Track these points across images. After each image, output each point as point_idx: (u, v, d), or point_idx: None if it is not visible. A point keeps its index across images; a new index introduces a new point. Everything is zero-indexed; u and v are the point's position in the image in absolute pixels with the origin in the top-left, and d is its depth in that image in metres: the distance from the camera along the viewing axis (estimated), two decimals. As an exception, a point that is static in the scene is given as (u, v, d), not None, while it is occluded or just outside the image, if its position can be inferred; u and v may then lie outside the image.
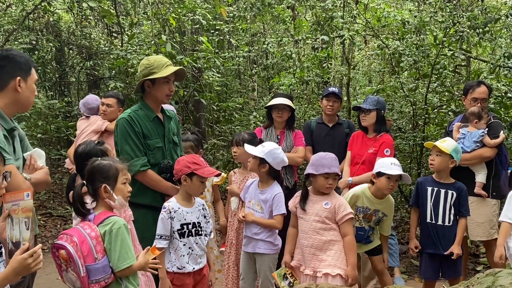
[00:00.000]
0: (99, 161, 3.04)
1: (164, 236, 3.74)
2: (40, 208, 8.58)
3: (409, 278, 6.01)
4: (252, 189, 4.45)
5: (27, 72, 3.10)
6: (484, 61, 8.65)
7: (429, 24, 7.40)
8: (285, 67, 9.92)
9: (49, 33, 10.46)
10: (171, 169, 3.94)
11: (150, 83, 3.93)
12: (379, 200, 4.40)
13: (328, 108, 5.76)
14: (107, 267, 2.83)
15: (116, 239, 2.84)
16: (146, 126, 3.92)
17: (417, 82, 7.74)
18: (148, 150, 3.92)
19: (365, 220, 4.44)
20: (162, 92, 3.95)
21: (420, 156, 7.68)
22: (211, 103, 8.81)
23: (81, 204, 2.96)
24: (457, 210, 4.45)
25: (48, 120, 9.35)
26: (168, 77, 3.92)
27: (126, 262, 2.85)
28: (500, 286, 2.37)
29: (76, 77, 11.85)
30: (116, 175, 3.02)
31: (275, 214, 4.27)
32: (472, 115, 5.05)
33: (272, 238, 4.31)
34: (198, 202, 3.94)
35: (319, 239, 3.97)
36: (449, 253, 4.38)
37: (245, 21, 9.38)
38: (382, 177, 4.28)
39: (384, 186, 4.29)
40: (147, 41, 8.99)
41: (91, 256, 2.78)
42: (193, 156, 3.87)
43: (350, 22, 7.75)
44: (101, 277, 2.80)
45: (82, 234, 2.81)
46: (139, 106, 4.03)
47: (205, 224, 3.93)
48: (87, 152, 3.47)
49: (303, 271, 4.05)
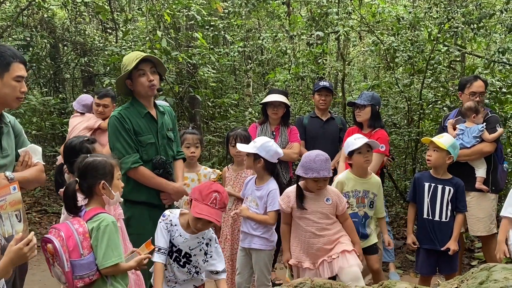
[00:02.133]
0: (93, 158, 3.02)
1: (162, 250, 3.30)
2: (35, 205, 8.56)
3: (404, 273, 6.03)
4: (250, 185, 4.47)
5: (4, 68, 3.02)
6: (478, 56, 8.67)
7: (423, 19, 7.41)
8: (280, 63, 9.91)
9: (43, 30, 10.40)
10: (164, 164, 3.93)
11: (130, 81, 3.94)
12: (364, 179, 4.48)
13: (321, 103, 5.81)
14: (92, 264, 2.80)
15: (103, 236, 2.82)
16: (137, 123, 3.90)
17: (412, 78, 7.76)
18: (141, 146, 3.90)
19: (360, 205, 4.46)
20: (142, 84, 3.90)
21: (415, 151, 7.70)
22: (207, 99, 8.79)
23: (75, 203, 2.95)
24: (454, 206, 4.46)
25: (43, 117, 9.32)
26: (141, 68, 3.87)
27: (111, 260, 2.81)
28: (494, 281, 2.38)
29: (70, 73, 11.80)
30: (113, 171, 3.02)
31: (269, 211, 4.28)
32: (469, 110, 5.04)
33: (268, 235, 4.32)
34: (205, 234, 3.43)
35: (328, 234, 4.01)
36: (445, 249, 4.39)
37: (240, 17, 9.36)
38: (354, 155, 4.39)
39: (360, 162, 4.40)
40: (141, 37, 8.95)
41: (77, 251, 2.76)
42: (211, 186, 3.31)
43: (345, 18, 7.76)
44: (85, 274, 2.78)
45: (70, 229, 2.79)
46: (130, 103, 4.02)
47: (201, 260, 3.42)
48: (74, 146, 3.48)
49: (302, 266, 4.07)
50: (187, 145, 4.79)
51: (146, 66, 3.90)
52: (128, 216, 3.90)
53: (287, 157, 5.37)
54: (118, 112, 3.92)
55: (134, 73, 3.88)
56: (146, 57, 3.91)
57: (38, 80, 10.84)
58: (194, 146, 4.82)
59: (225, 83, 10.32)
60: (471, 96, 5.20)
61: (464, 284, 2.60)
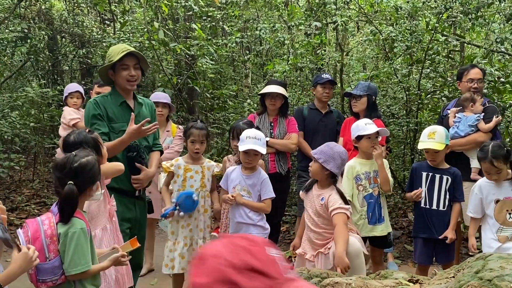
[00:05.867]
0: (84, 159, 2.87)
1: None
2: (34, 197, 8.57)
3: (403, 263, 6.04)
4: (236, 175, 4.43)
5: None
6: (477, 46, 8.65)
7: (422, 9, 7.39)
8: (279, 53, 9.89)
9: (41, 21, 10.38)
10: (137, 148, 3.99)
11: (112, 71, 4.04)
12: (372, 160, 4.59)
13: (324, 96, 5.80)
14: (56, 269, 2.75)
15: (70, 243, 2.74)
16: (113, 110, 4.00)
17: (410, 68, 7.74)
18: (113, 133, 3.96)
19: (373, 185, 4.56)
20: (122, 78, 4.01)
21: (413, 141, 7.69)
22: (205, 90, 8.78)
23: (75, 209, 2.84)
24: (452, 195, 4.49)
25: (41, 109, 9.30)
26: (125, 62, 3.98)
27: (77, 268, 2.75)
28: (490, 270, 2.39)
29: (69, 65, 11.79)
30: (99, 169, 2.98)
31: (264, 198, 4.32)
32: (466, 101, 5.05)
33: (263, 222, 4.36)
34: None
35: (322, 233, 3.99)
36: (443, 237, 4.41)
37: (237, 7, 9.33)
38: (362, 140, 4.52)
39: (367, 147, 4.53)
40: (139, 28, 8.93)
41: (42, 254, 2.71)
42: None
43: (343, 8, 7.73)
44: (48, 278, 2.73)
45: (39, 229, 2.75)
46: (110, 92, 4.16)
47: None
48: (74, 139, 3.38)
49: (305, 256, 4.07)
50: (192, 140, 4.62)
51: (130, 61, 4.01)
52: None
53: (285, 148, 5.38)
54: (95, 99, 4.05)
55: (118, 65, 3.98)
56: (131, 52, 4.01)
57: (36, 72, 10.83)
58: (199, 142, 4.62)
59: (223, 74, 10.30)
60: (469, 83, 5.18)
61: (461, 273, 2.61)
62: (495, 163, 4.03)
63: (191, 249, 4.63)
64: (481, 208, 4.28)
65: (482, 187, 4.27)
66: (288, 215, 7.54)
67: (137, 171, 4.01)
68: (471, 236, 4.33)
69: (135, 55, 4.05)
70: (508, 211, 4.15)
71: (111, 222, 3.58)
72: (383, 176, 4.53)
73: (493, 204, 4.20)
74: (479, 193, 4.28)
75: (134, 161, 3.98)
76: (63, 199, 2.79)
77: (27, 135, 8.87)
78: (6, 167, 7.62)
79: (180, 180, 4.62)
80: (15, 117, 8.43)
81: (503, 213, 4.16)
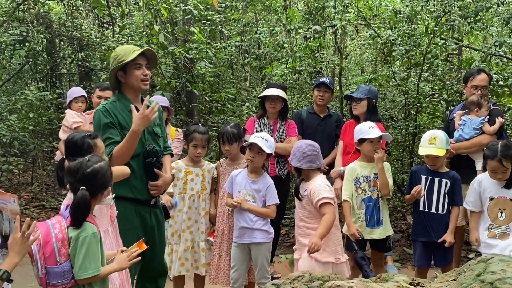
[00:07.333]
0: (97, 164, 2.88)
1: None
2: (33, 200, 8.56)
3: (402, 266, 6.05)
4: (241, 179, 4.44)
5: None
6: (475, 49, 8.66)
7: (420, 13, 7.41)
8: (278, 57, 9.90)
9: (39, 25, 10.38)
10: (156, 153, 3.86)
11: (122, 73, 3.87)
12: (372, 164, 4.60)
13: (319, 99, 5.79)
14: (67, 273, 2.75)
15: (81, 247, 2.74)
16: (123, 117, 3.82)
17: (409, 71, 7.76)
18: None
19: (372, 188, 4.56)
20: (135, 77, 3.85)
21: (412, 145, 7.70)
22: (204, 93, 8.77)
23: (87, 214, 2.84)
24: (451, 199, 4.51)
25: (40, 112, 9.28)
26: (138, 61, 3.84)
27: (87, 273, 2.74)
28: (491, 272, 2.39)
29: (67, 68, 11.78)
30: (111, 174, 2.97)
31: (269, 204, 4.33)
32: (472, 104, 5.04)
33: (267, 227, 4.36)
34: None
35: (303, 226, 4.10)
36: (442, 241, 4.42)
37: (236, 11, 9.34)
38: (364, 143, 4.52)
39: (369, 150, 4.54)
40: (138, 31, 8.93)
41: (53, 258, 2.72)
42: None
43: (342, 12, 7.74)
44: (58, 282, 2.73)
45: (50, 233, 2.74)
46: (117, 97, 3.95)
47: None
48: (75, 141, 3.33)
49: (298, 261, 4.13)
50: (194, 144, 4.65)
51: (142, 60, 3.88)
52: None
53: (285, 151, 5.37)
54: (103, 105, 3.86)
55: (130, 65, 3.83)
56: (143, 51, 3.88)
57: (35, 75, 10.83)
58: (202, 147, 4.67)
59: (222, 77, 10.31)
60: (472, 89, 5.19)
61: (462, 276, 2.61)
62: (504, 162, 4.08)
63: (193, 252, 4.63)
64: (479, 202, 4.36)
65: (481, 182, 4.36)
66: (287, 218, 7.54)
67: (155, 177, 3.89)
68: (472, 230, 4.38)
69: (145, 55, 3.90)
70: (500, 210, 4.25)
71: (112, 225, 3.58)
72: (382, 180, 4.54)
73: (488, 201, 4.31)
74: (478, 187, 4.36)
75: (154, 167, 3.86)
76: (76, 205, 2.78)
77: (26, 138, 8.87)
78: (5, 170, 7.61)
79: (181, 183, 4.63)
80: (14, 120, 8.43)
81: (495, 211, 4.27)
